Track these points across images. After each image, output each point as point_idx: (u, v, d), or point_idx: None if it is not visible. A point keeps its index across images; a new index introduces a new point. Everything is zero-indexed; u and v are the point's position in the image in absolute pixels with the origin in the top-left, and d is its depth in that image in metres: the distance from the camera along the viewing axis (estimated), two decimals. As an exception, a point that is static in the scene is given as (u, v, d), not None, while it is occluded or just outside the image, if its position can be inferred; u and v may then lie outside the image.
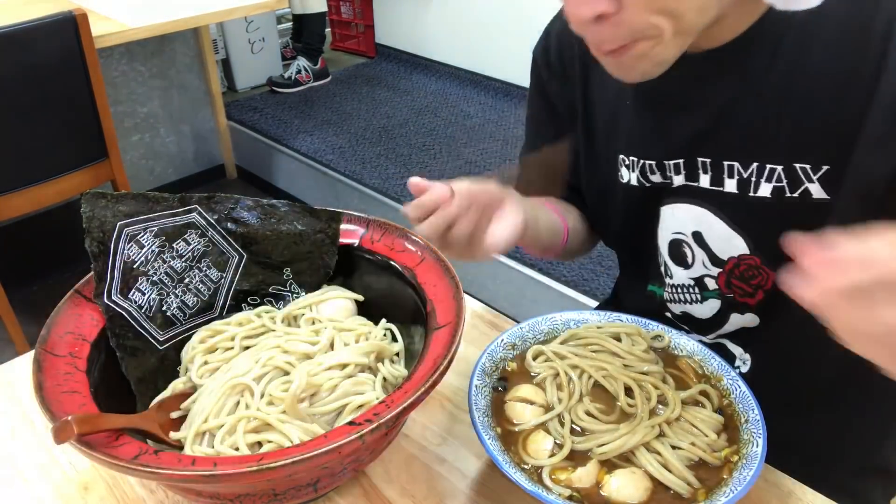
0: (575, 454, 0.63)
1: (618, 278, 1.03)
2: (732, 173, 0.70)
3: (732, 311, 0.77)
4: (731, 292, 0.76)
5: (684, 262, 0.78)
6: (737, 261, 0.73)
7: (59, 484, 0.68)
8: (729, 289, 0.76)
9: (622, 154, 0.79)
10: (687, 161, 0.73)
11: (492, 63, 3.52)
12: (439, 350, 0.60)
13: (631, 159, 0.78)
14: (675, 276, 0.80)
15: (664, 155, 0.74)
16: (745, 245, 0.72)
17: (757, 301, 0.75)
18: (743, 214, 0.71)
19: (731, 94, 0.68)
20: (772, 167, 0.67)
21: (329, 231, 0.76)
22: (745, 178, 0.69)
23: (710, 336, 0.82)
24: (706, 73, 0.68)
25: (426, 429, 0.73)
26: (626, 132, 0.78)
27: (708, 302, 0.78)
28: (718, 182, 0.71)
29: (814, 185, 0.65)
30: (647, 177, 0.77)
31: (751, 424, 0.64)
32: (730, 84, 0.68)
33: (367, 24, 4.07)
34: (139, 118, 2.90)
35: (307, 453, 0.50)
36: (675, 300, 0.82)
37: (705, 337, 0.82)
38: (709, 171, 0.71)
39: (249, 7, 2.45)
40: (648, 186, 0.77)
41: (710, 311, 0.79)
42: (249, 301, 0.76)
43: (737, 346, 0.80)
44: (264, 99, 3.53)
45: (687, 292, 0.80)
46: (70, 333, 0.63)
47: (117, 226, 0.67)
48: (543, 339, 0.76)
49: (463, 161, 2.87)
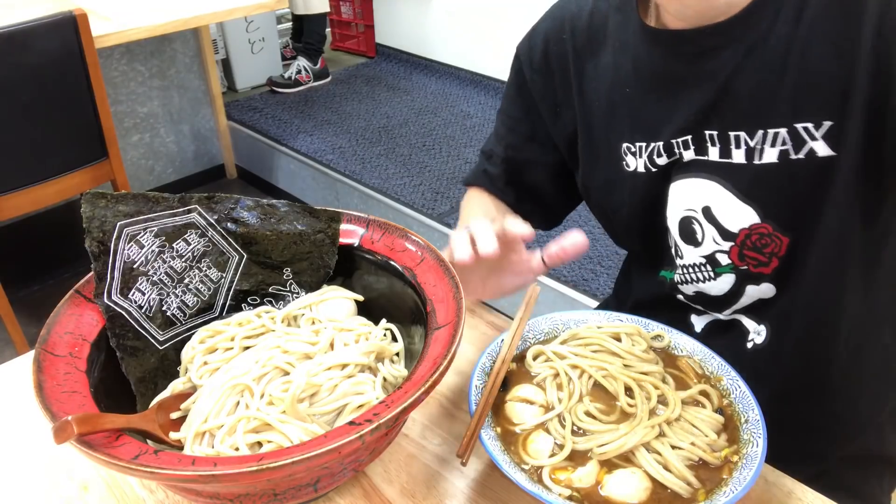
0: (575, 454, 0.63)
1: (621, 273, 1.02)
2: (739, 143, 0.70)
3: (748, 283, 0.77)
4: (745, 264, 0.75)
5: (694, 240, 0.78)
6: (748, 231, 0.73)
7: (59, 484, 0.68)
8: (742, 261, 0.75)
9: (626, 142, 0.79)
10: (695, 136, 0.73)
11: (492, 63, 3.52)
12: (439, 350, 0.60)
13: (638, 146, 0.78)
14: (685, 256, 0.80)
15: (672, 134, 0.74)
16: (756, 214, 0.72)
17: (773, 269, 0.74)
18: (751, 183, 0.71)
19: (734, 65, 0.68)
20: (775, 131, 0.67)
21: (329, 231, 0.76)
22: (751, 147, 0.69)
23: (726, 312, 0.81)
24: (711, 46, 0.69)
25: (426, 429, 0.73)
26: (629, 119, 0.78)
27: (722, 278, 0.78)
28: (726, 154, 0.71)
29: (818, 142, 0.66)
30: (654, 161, 0.77)
31: (751, 424, 0.64)
32: (733, 55, 0.68)
33: (367, 24, 4.07)
34: (139, 118, 2.90)
35: (307, 453, 0.50)
36: (686, 281, 0.82)
37: (721, 314, 0.82)
38: (717, 143, 0.71)
39: (249, 7, 2.45)
40: (655, 171, 0.77)
41: (725, 286, 0.78)
42: (249, 301, 0.76)
43: (751, 321, 0.80)
44: (264, 99, 3.53)
45: (699, 271, 0.79)
46: (70, 333, 0.63)
47: (117, 226, 0.67)
48: (543, 339, 0.76)
49: (463, 161, 2.87)
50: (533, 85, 0.88)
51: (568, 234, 0.70)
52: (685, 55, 0.70)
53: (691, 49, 0.70)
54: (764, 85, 0.67)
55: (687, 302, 0.84)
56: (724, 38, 0.68)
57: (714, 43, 0.68)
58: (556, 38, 0.84)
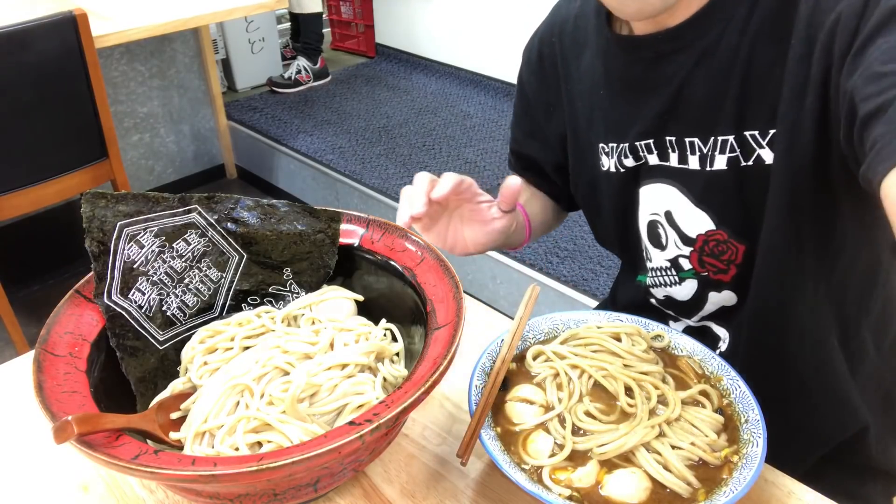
0: (575, 454, 0.63)
1: (617, 276, 1.03)
2: (694, 149, 0.71)
3: (710, 289, 0.78)
4: (705, 270, 0.77)
5: (660, 244, 0.80)
6: (705, 237, 0.74)
7: (59, 484, 0.68)
8: (703, 267, 0.77)
9: (601, 142, 0.81)
10: (656, 141, 0.74)
11: (492, 63, 3.52)
12: (439, 350, 0.60)
13: (610, 146, 0.80)
14: (653, 259, 0.82)
15: (636, 136, 0.76)
16: (711, 221, 0.73)
17: (731, 277, 0.75)
18: (704, 189, 0.72)
19: (686, 71, 0.69)
20: (724, 138, 0.68)
21: (329, 231, 0.76)
22: (704, 153, 0.71)
23: (695, 319, 0.82)
24: (666, 51, 0.70)
25: (426, 429, 0.73)
26: (603, 120, 0.80)
27: (686, 283, 0.79)
28: (684, 160, 0.73)
29: (765, 150, 0.67)
30: (622, 161, 0.78)
31: (751, 424, 0.64)
32: (686, 61, 0.69)
33: (367, 24, 4.07)
34: (139, 118, 2.90)
35: (307, 453, 0.50)
36: (656, 284, 0.83)
37: (690, 320, 0.83)
38: (675, 149, 0.73)
39: (249, 7, 2.45)
40: (624, 172, 0.79)
41: (689, 291, 0.80)
42: (249, 301, 0.76)
43: (721, 328, 0.80)
44: (264, 99, 3.53)
45: (665, 274, 0.81)
46: (70, 333, 0.63)
47: (117, 226, 0.67)
48: (543, 339, 0.76)
49: (463, 161, 2.87)
50: (529, 86, 0.91)
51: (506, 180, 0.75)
52: (643, 60, 0.72)
53: (649, 54, 0.71)
54: (714, 92, 0.68)
55: (659, 307, 0.86)
56: (677, 43, 0.69)
57: (668, 48, 0.70)
58: (548, 40, 0.86)
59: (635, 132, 0.75)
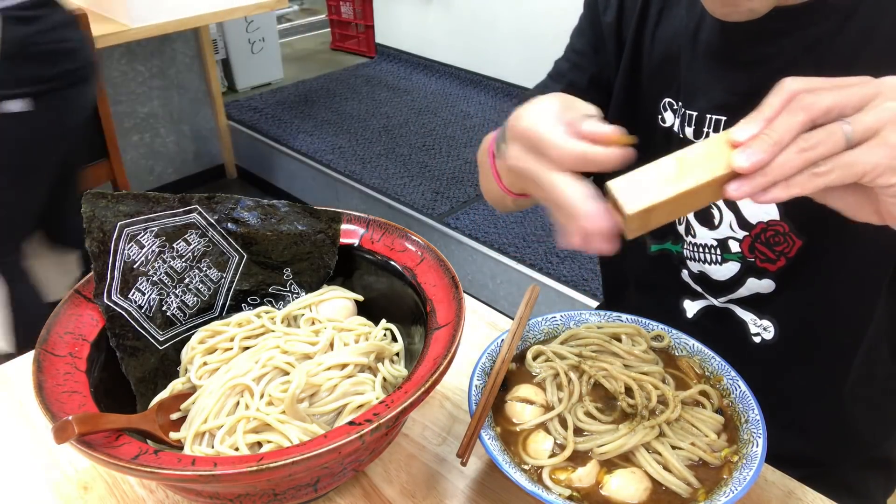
0: (575, 454, 0.62)
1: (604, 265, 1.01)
2: None
3: (750, 275, 0.76)
4: (752, 256, 0.75)
5: (710, 223, 0.77)
6: (765, 226, 0.73)
7: (59, 484, 0.68)
8: (752, 253, 0.75)
9: (670, 98, 0.77)
10: (730, 119, 0.71)
11: (492, 63, 3.52)
12: (439, 350, 0.60)
13: (679, 104, 0.76)
14: (697, 235, 0.79)
15: (710, 109, 0.73)
16: (777, 211, 0.71)
17: (777, 267, 0.74)
18: None
19: (791, 56, 0.67)
20: None
21: (329, 231, 0.76)
22: None
23: (722, 299, 0.81)
24: (773, 31, 0.67)
25: (426, 429, 0.73)
26: (676, 77, 0.77)
27: (727, 264, 0.78)
28: None
29: None
30: (684, 128, 0.76)
31: (751, 424, 0.64)
32: (794, 45, 0.67)
33: (367, 24, 4.07)
34: (139, 118, 2.90)
35: (307, 453, 0.50)
36: (694, 258, 0.81)
37: (716, 300, 0.81)
38: None
39: (249, 7, 2.46)
40: (681, 139, 0.76)
41: (728, 273, 0.78)
42: (249, 301, 0.76)
43: (747, 312, 0.79)
44: (264, 99, 3.53)
45: (708, 252, 0.79)
46: (70, 333, 0.63)
47: (117, 226, 0.67)
48: (543, 339, 0.76)
49: (463, 161, 2.87)
50: (605, 17, 0.83)
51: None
52: (744, 32, 0.68)
53: (753, 27, 0.66)
54: None
55: (687, 280, 0.84)
56: (785, 25, 0.66)
57: (773, 28, 0.66)
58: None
59: (710, 104, 0.72)
